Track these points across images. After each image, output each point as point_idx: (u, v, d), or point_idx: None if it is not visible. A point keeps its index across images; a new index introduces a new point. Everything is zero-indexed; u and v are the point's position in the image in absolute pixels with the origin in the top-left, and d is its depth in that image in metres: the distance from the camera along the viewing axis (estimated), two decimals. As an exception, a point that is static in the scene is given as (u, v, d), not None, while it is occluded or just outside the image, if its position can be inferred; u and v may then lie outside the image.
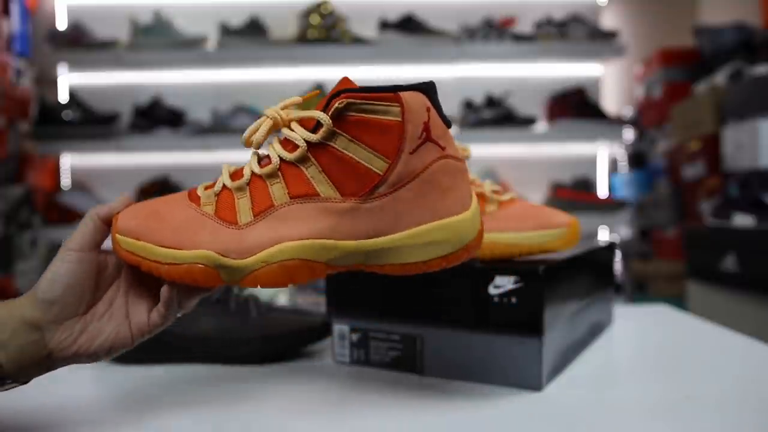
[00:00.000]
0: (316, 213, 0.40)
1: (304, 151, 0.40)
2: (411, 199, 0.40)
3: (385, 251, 0.40)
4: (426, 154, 0.40)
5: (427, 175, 0.40)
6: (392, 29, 2.09)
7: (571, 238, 0.53)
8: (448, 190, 0.41)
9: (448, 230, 0.40)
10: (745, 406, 0.47)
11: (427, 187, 0.40)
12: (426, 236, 0.40)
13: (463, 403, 0.49)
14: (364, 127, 0.39)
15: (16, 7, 2.03)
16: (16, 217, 1.92)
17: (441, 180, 0.40)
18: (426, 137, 0.40)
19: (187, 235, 0.40)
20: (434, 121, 0.40)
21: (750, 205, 1.48)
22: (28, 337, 0.38)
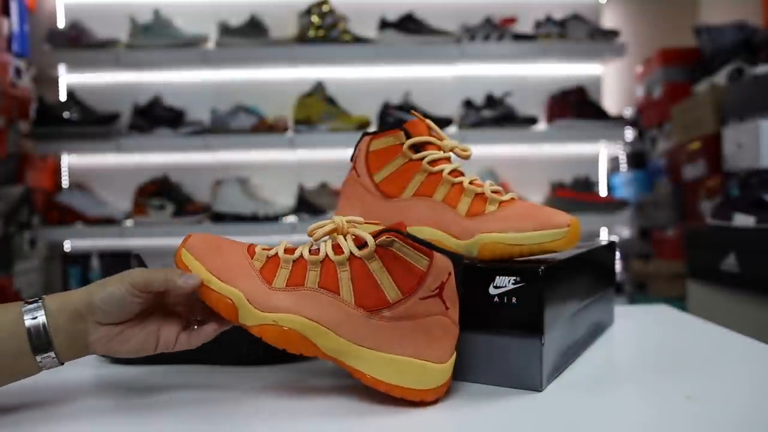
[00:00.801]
0: (330, 306, 0.48)
1: (345, 259, 0.48)
2: (405, 333, 0.47)
3: (364, 359, 0.48)
4: (432, 305, 0.47)
5: (426, 322, 0.47)
6: (392, 29, 2.09)
7: (571, 238, 0.53)
8: (436, 341, 0.48)
9: (422, 370, 0.47)
10: (745, 406, 0.47)
11: (421, 330, 0.47)
12: (402, 365, 0.47)
13: (463, 403, 0.49)
14: (397, 263, 0.47)
15: (15, 7, 2.03)
16: (16, 217, 1.92)
17: (435, 331, 0.48)
18: (438, 293, 0.47)
19: (233, 274, 0.49)
20: (450, 284, 0.48)
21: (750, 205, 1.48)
22: (77, 326, 0.46)
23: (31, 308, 0.45)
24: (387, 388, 0.47)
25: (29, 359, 0.45)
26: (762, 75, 1.76)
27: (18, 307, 0.46)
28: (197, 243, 0.50)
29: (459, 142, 0.59)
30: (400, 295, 0.47)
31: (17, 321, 0.45)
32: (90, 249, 2.22)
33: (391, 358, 0.47)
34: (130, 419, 0.46)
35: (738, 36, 2.14)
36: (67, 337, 0.45)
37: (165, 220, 2.02)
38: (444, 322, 0.48)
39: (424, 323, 0.47)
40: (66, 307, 0.46)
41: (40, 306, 0.45)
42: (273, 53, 2.06)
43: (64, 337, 0.45)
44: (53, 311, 0.45)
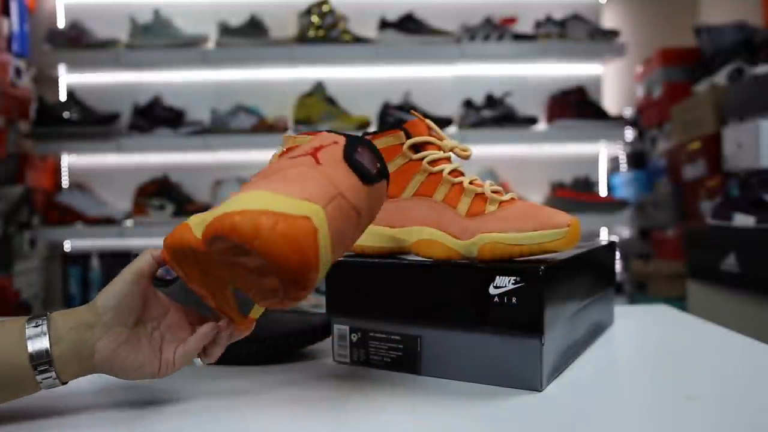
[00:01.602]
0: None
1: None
2: (266, 178, 0.46)
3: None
4: (302, 160, 0.46)
5: (287, 170, 0.46)
6: (392, 29, 2.08)
7: (572, 238, 0.53)
8: (289, 181, 0.44)
9: (261, 197, 0.42)
10: (745, 406, 0.47)
11: (279, 176, 0.45)
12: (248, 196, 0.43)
13: (463, 403, 0.49)
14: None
15: (15, 7, 2.03)
16: (16, 217, 1.92)
17: (291, 174, 0.45)
18: (311, 152, 0.47)
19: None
20: (331, 149, 0.47)
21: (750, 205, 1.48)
22: (80, 335, 0.45)
23: (35, 317, 0.45)
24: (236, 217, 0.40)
25: (28, 373, 0.43)
26: (762, 75, 1.76)
27: (23, 319, 0.45)
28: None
29: (459, 142, 0.59)
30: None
31: (20, 331, 0.44)
32: (90, 249, 2.22)
33: (246, 194, 0.42)
34: (131, 419, 0.46)
35: (738, 36, 2.14)
36: (70, 347, 0.44)
37: (165, 220, 2.02)
38: (306, 171, 0.44)
39: (284, 171, 0.45)
40: (70, 317, 0.45)
41: (44, 317, 0.45)
42: (273, 53, 2.06)
43: (67, 347, 0.44)
44: (56, 319, 0.45)
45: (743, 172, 1.78)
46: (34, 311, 1.99)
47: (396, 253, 0.60)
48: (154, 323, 0.49)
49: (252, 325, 0.50)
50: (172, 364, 0.48)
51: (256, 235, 0.38)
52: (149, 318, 0.49)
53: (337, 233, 0.43)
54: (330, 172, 0.44)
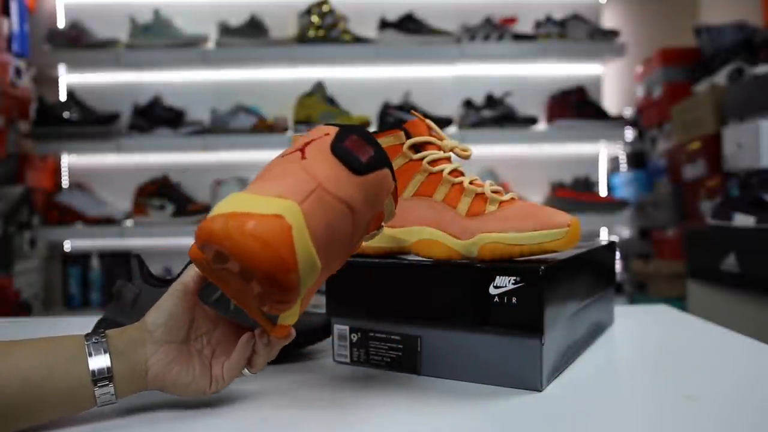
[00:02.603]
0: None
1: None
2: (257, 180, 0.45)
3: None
4: (290, 158, 0.45)
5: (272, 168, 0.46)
6: (392, 29, 2.09)
7: (572, 238, 0.53)
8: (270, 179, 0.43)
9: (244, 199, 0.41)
10: (745, 406, 0.47)
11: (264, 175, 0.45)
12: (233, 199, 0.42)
13: (463, 403, 0.49)
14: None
15: (15, 7, 2.03)
16: (16, 217, 1.92)
17: (274, 171, 0.45)
18: (300, 148, 0.46)
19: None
20: (318, 142, 0.46)
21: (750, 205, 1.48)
22: (135, 352, 0.45)
23: (92, 334, 0.45)
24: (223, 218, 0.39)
25: (88, 388, 0.43)
26: (762, 75, 1.76)
27: (79, 336, 0.45)
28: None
29: (459, 142, 0.59)
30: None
31: (78, 346, 0.44)
32: (90, 249, 2.22)
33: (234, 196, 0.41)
34: (131, 418, 0.46)
35: (738, 36, 2.14)
36: (128, 365, 0.44)
37: (165, 220, 2.02)
38: (288, 167, 0.43)
39: (271, 170, 0.44)
40: (124, 335, 0.45)
41: (103, 334, 0.45)
42: (273, 53, 2.06)
43: (125, 365, 0.44)
44: (113, 336, 0.45)
45: (743, 172, 1.78)
46: (34, 311, 1.99)
47: (396, 253, 0.60)
48: (203, 339, 0.49)
49: (287, 332, 0.47)
50: (222, 378, 0.48)
51: (226, 237, 0.37)
52: (198, 333, 0.48)
53: (323, 228, 0.41)
54: (311, 166, 0.43)
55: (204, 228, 0.39)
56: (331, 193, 0.42)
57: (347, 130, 0.46)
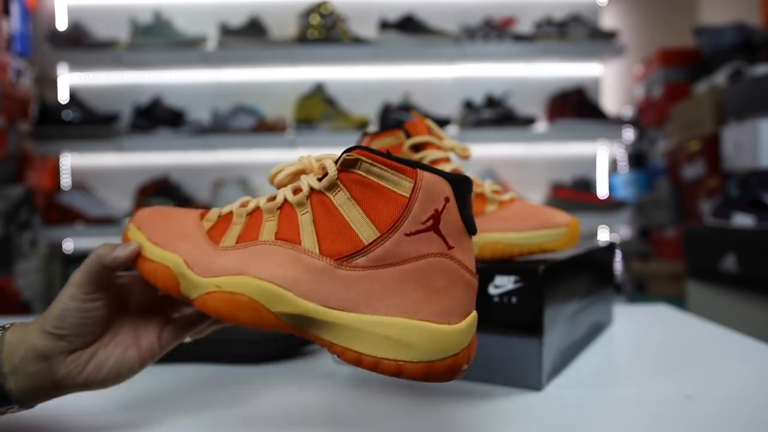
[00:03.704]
0: (287, 260, 0.36)
1: (304, 196, 0.38)
2: (389, 285, 0.35)
3: (338, 328, 0.35)
4: (425, 243, 0.34)
5: (419, 267, 0.35)
6: (392, 29, 2.09)
7: (571, 238, 0.53)
8: (438, 293, 0.35)
9: (419, 334, 0.34)
10: (745, 406, 0.47)
11: (411, 280, 0.34)
12: (388, 329, 0.34)
13: (463, 403, 0.49)
14: (367, 190, 0.35)
15: (16, 7, 2.03)
16: (16, 217, 1.92)
17: (433, 279, 0.35)
18: (432, 226, 0.34)
19: (173, 238, 0.40)
20: (449, 214, 0.35)
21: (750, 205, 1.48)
22: (36, 366, 0.38)
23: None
24: (372, 364, 0.35)
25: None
26: (761, 75, 1.76)
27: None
28: (144, 214, 0.43)
29: (459, 142, 0.59)
30: (377, 232, 0.35)
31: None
32: (90, 249, 2.22)
33: (374, 320, 0.34)
34: (131, 419, 0.47)
35: (737, 36, 2.15)
36: (27, 379, 0.38)
37: (165, 220, 2.02)
38: (448, 267, 0.35)
39: (415, 270, 0.34)
40: (23, 342, 0.38)
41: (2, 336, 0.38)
42: (273, 53, 2.06)
43: (24, 380, 0.37)
44: (10, 342, 0.38)
45: (742, 172, 1.79)
46: (35, 311, 1.99)
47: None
48: (119, 319, 0.43)
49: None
50: (157, 348, 0.43)
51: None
52: (112, 316, 0.42)
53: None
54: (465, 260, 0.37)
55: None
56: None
57: (465, 187, 0.36)
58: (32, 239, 2.01)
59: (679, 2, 3.02)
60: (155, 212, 0.43)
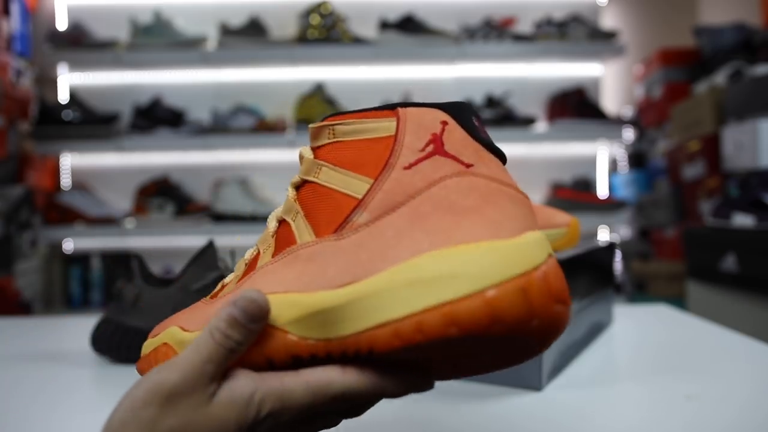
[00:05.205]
0: (284, 266, 0.30)
1: (292, 200, 0.32)
2: (404, 225, 0.27)
3: (356, 306, 0.26)
4: (434, 169, 0.28)
5: (434, 192, 0.27)
6: (392, 29, 2.09)
7: (571, 238, 0.53)
8: (472, 212, 0.26)
9: (459, 258, 0.24)
10: (745, 406, 0.47)
11: (430, 209, 0.27)
12: (415, 271, 0.25)
13: (464, 403, 0.49)
14: (346, 150, 0.30)
15: (16, 7, 2.03)
16: (16, 217, 1.92)
17: (457, 199, 0.27)
18: (435, 150, 0.28)
19: (172, 319, 0.33)
20: (452, 134, 0.29)
21: (750, 205, 1.48)
22: None
23: None
24: (413, 328, 0.24)
25: None
26: (761, 75, 1.76)
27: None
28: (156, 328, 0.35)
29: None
30: (369, 180, 0.29)
31: None
32: (90, 249, 2.22)
33: (394, 271, 0.25)
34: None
35: (737, 36, 2.15)
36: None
37: (166, 220, 2.02)
38: (472, 182, 0.27)
39: (431, 196, 0.27)
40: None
41: None
42: (273, 53, 2.06)
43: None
44: None
45: (742, 172, 1.79)
46: (35, 311, 1.99)
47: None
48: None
49: None
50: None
51: None
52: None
53: None
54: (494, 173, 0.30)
55: None
56: None
57: (464, 110, 0.30)
58: (32, 239, 2.01)
59: (679, 2, 3.02)
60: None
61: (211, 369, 0.25)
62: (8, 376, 0.58)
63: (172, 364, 0.25)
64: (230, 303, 0.27)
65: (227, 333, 0.26)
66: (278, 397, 0.26)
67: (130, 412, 0.24)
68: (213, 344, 0.26)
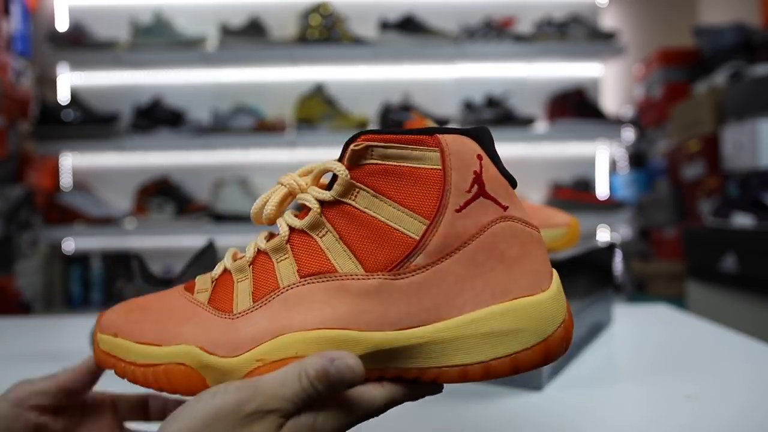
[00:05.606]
0: (331, 295, 0.30)
1: (317, 214, 0.31)
2: (463, 274, 0.29)
3: (428, 348, 0.29)
4: (480, 213, 0.30)
5: (485, 240, 0.30)
6: (392, 29, 2.09)
7: (571, 238, 0.54)
8: (518, 262, 0.30)
9: (523, 315, 0.29)
10: (745, 406, 0.48)
11: (484, 259, 0.30)
12: (486, 324, 0.29)
13: (464, 403, 0.49)
14: (392, 178, 0.30)
15: (16, 7, 2.03)
16: (16, 217, 1.92)
17: (506, 249, 0.30)
18: (479, 191, 0.30)
19: (170, 327, 0.31)
20: (489, 171, 0.31)
21: (750, 205, 1.48)
22: None
23: None
24: (481, 372, 0.29)
25: None
26: (761, 75, 1.76)
27: None
28: (110, 314, 0.33)
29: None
30: (424, 221, 0.30)
31: None
32: (91, 249, 2.22)
33: (465, 321, 0.29)
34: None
35: (737, 37, 2.15)
36: None
37: (166, 220, 2.02)
38: (513, 229, 0.31)
39: (483, 245, 0.30)
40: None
41: None
42: (273, 53, 2.06)
43: None
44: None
45: (742, 172, 1.79)
46: (35, 311, 1.99)
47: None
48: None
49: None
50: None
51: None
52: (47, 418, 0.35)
53: None
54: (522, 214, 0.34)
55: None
56: None
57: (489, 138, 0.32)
58: (32, 239, 2.01)
59: (679, 2, 3.02)
60: (127, 308, 0.33)
61: (288, 407, 0.27)
62: (8, 376, 0.58)
63: (255, 388, 0.27)
64: (327, 357, 0.27)
65: (314, 383, 0.27)
66: (335, 419, 0.28)
67: (202, 422, 0.26)
68: (298, 387, 0.27)
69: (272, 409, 0.27)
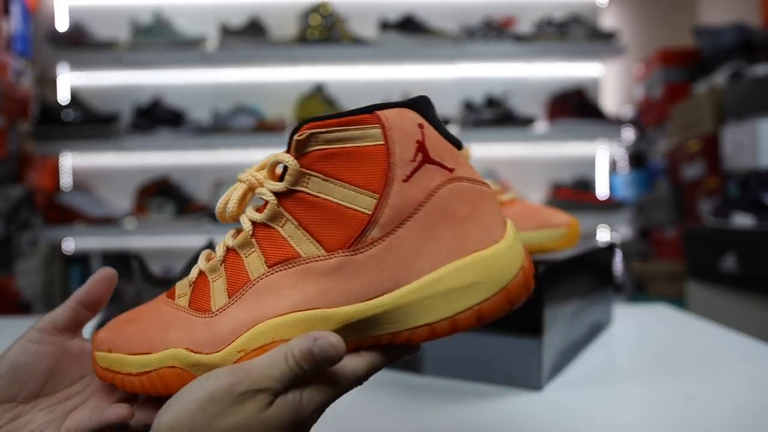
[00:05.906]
0: (298, 279, 0.31)
1: (275, 205, 0.33)
2: (417, 238, 0.31)
3: (395, 313, 0.31)
4: (427, 179, 0.32)
5: (434, 205, 0.32)
6: (392, 29, 2.09)
7: (571, 238, 0.54)
8: (469, 219, 0.32)
9: (478, 268, 0.31)
10: (745, 406, 0.48)
11: (435, 219, 0.32)
12: (446, 282, 0.31)
13: (463, 403, 0.49)
14: (338, 160, 0.31)
15: (16, 7, 2.03)
16: (16, 217, 1.92)
17: (456, 208, 0.32)
18: (423, 159, 0.32)
19: (157, 334, 0.32)
20: (432, 138, 0.32)
21: (750, 205, 1.48)
22: None
23: None
24: (449, 327, 0.31)
25: None
26: (761, 75, 1.76)
27: None
28: (103, 332, 0.35)
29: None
30: (374, 196, 0.31)
31: None
32: (91, 249, 2.22)
33: (425, 282, 0.31)
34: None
35: (737, 37, 2.15)
36: None
37: (166, 220, 2.02)
38: (461, 189, 0.33)
39: (433, 208, 0.32)
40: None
41: None
42: (273, 53, 2.06)
43: None
44: None
45: (742, 172, 1.79)
46: (35, 311, 1.99)
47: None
48: (59, 396, 0.35)
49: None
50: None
51: None
52: (62, 384, 0.35)
53: None
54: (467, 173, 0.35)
55: None
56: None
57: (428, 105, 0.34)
58: (32, 239, 2.01)
59: (679, 2, 3.02)
60: (117, 324, 0.35)
61: (277, 386, 0.29)
62: (9, 376, 0.58)
63: (244, 371, 0.29)
64: (311, 337, 0.29)
65: (300, 363, 0.29)
66: (321, 392, 0.30)
67: (197, 404, 0.28)
68: (285, 367, 0.29)
69: (262, 389, 0.29)
